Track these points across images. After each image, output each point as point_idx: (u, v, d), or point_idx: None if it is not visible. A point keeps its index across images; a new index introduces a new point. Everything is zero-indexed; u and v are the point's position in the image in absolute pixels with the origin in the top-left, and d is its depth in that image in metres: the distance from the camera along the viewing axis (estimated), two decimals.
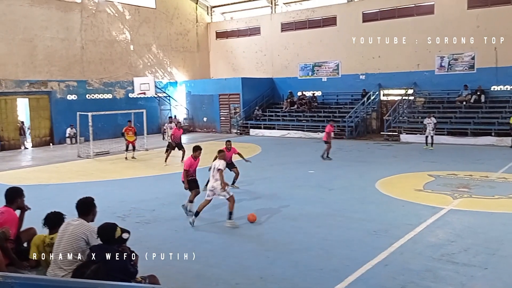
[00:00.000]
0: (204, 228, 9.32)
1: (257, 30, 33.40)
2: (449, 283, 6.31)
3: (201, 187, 10.91)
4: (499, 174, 13.97)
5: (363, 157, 18.87)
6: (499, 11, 23.63)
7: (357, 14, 28.43)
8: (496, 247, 7.63)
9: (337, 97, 29.97)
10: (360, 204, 10.91)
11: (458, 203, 10.67)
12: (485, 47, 23.96)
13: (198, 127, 33.42)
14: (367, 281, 6.48)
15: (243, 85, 30.92)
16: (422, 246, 7.80)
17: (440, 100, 25.78)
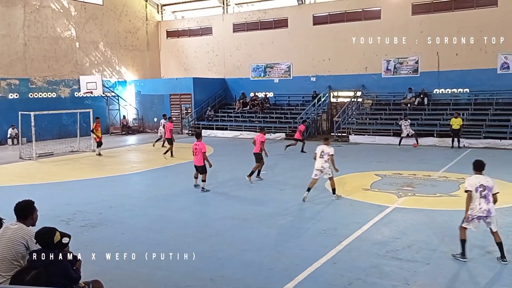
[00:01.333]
0: (154, 230, 9.13)
1: (209, 30, 33.22)
2: (393, 279, 6.53)
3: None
4: (440, 173, 14.62)
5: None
6: (441, 17, 24.78)
7: (308, 17, 28.91)
8: (437, 243, 7.97)
9: (288, 99, 30.33)
10: (311, 204, 11.08)
11: (403, 201, 11.08)
12: (428, 51, 25.07)
13: (148, 128, 32.77)
14: (316, 279, 6.59)
15: (194, 85, 30.64)
16: (368, 244, 8.02)
17: (386, 102, 26.70)
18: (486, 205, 7.12)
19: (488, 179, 7.27)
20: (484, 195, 7.14)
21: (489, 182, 7.23)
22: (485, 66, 23.76)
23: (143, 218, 10.16)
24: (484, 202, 7.13)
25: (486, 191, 7.15)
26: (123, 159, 20.04)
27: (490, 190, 7.17)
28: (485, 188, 7.16)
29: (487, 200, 7.14)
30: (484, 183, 7.20)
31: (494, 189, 7.20)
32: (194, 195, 12.76)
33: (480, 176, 7.35)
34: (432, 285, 6.35)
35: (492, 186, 7.20)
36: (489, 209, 7.13)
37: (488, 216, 7.14)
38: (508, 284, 6.31)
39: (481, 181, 7.23)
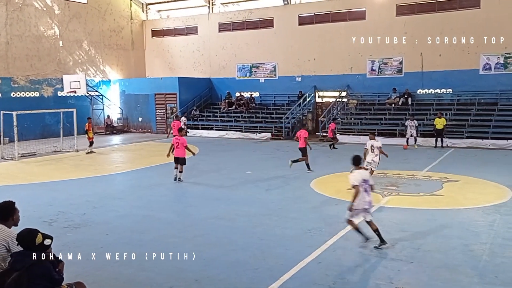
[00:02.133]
0: (138, 231, 9.06)
1: (194, 29, 33.10)
2: (377, 278, 6.57)
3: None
4: (424, 173, 14.79)
5: (299, 157, 19.19)
6: (424, 18, 25.06)
7: (293, 17, 28.99)
8: (421, 242, 8.05)
9: (274, 98, 30.38)
10: (296, 204, 11.10)
11: (387, 200, 11.17)
12: (412, 52, 25.35)
13: (133, 127, 32.54)
14: (301, 279, 6.60)
15: (180, 85, 30.50)
16: (353, 243, 8.06)
17: (371, 102, 26.91)
18: (369, 197, 7.80)
19: (367, 173, 8.01)
20: (365, 188, 7.76)
21: (368, 176, 7.92)
22: (468, 67, 24.11)
23: (127, 218, 10.07)
24: (366, 195, 7.76)
25: (367, 185, 7.78)
26: (107, 159, 19.85)
27: (369, 183, 7.84)
28: (366, 182, 7.78)
29: (368, 193, 7.79)
30: (365, 178, 7.82)
31: (371, 181, 7.92)
32: (179, 195, 12.72)
33: (362, 171, 7.98)
34: (415, 283, 6.41)
35: (369, 179, 7.90)
36: (370, 201, 7.85)
37: (369, 208, 7.84)
38: (492, 282, 6.39)
39: (363, 175, 7.84)
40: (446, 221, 9.38)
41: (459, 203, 10.82)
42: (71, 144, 21.85)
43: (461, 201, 11.06)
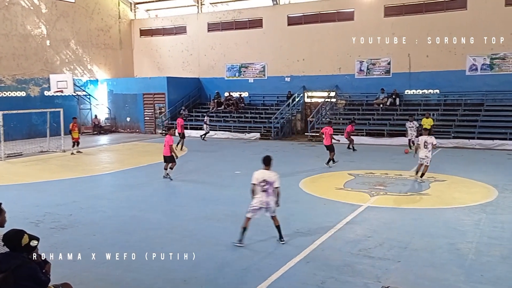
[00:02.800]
0: (126, 231, 9.00)
1: (183, 29, 32.99)
2: (365, 277, 6.61)
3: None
4: (411, 173, 14.86)
5: (288, 157, 19.28)
6: (412, 19, 25.27)
7: (283, 17, 29.04)
8: (408, 241, 8.11)
9: (263, 98, 30.40)
10: (284, 203, 10.98)
11: (375, 200, 11.24)
12: (400, 53, 25.55)
13: (121, 127, 32.32)
14: (290, 278, 6.61)
15: (168, 85, 30.38)
16: (341, 242, 8.10)
17: (360, 103, 27.06)
18: (266, 198, 7.84)
19: (271, 175, 7.90)
20: (266, 189, 7.81)
21: (271, 178, 7.85)
22: (455, 67, 24.36)
23: (115, 219, 10.00)
24: (264, 196, 7.84)
25: (267, 186, 7.81)
26: (95, 160, 19.69)
27: (272, 185, 7.82)
28: (267, 183, 7.82)
29: (267, 193, 7.84)
30: (267, 178, 7.84)
31: (276, 183, 7.86)
32: (167, 195, 12.66)
33: (266, 171, 7.96)
34: (402, 282, 6.45)
35: (273, 181, 7.84)
36: (268, 202, 7.88)
37: (268, 208, 7.93)
38: (478, 281, 6.47)
39: (265, 176, 7.87)
40: (433, 220, 9.47)
41: (446, 203, 10.93)
42: (58, 144, 21.62)
43: (448, 200, 11.17)
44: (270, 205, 7.94)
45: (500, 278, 6.50)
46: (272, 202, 7.95)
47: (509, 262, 7.09)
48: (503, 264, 7.01)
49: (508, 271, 6.76)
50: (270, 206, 7.95)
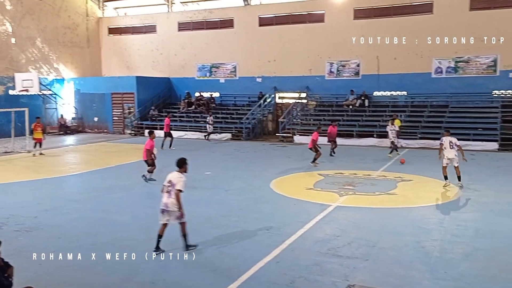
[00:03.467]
0: (93, 234, 8.80)
1: (153, 28, 32.60)
2: (334, 276, 6.67)
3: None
4: (379, 173, 15.18)
5: (259, 158, 19.32)
6: (381, 22, 25.75)
7: (254, 18, 29.09)
8: (376, 240, 8.25)
9: (234, 99, 30.36)
10: (255, 204, 11.13)
11: (344, 200, 11.38)
12: (369, 55, 25.99)
13: (88, 127, 31.66)
14: (259, 279, 6.61)
15: (138, 84, 29.96)
16: (311, 242, 8.16)
17: (330, 104, 27.37)
18: (166, 199, 7.55)
19: (177, 176, 7.64)
20: (169, 190, 7.57)
21: (175, 179, 7.61)
22: (421, 70, 24.98)
23: (81, 221, 9.77)
24: (166, 196, 7.57)
25: (171, 187, 7.54)
26: (61, 160, 19.22)
27: (174, 187, 7.52)
28: (172, 184, 7.56)
29: (169, 195, 7.54)
30: (172, 179, 7.64)
31: (178, 185, 7.51)
32: (135, 197, 12.46)
33: (175, 173, 7.75)
34: (370, 280, 6.54)
35: (176, 183, 7.54)
36: (167, 204, 7.55)
37: (168, 211, 7.53)
38: (442, 277, 6.63)
39: (171, 177, 7.70)
40: (400, 219, 9.67)
41: (412, 202, 11.18)
42: (22, 145, 21.03)
43: (414, 199, 11.43)
44: (169, 208, 7.50)
45: (463, 275, 6.69)
46: (172, 205, 7.49)
47: (471, 260, 7.30)
48: (465, 262, 7.21)
49: (471, 268, 6.97)
50: (169, 209, 7.50)
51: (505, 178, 14.04)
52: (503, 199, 11.24)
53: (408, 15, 25.25)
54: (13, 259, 5.37)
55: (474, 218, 9.67)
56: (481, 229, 8.85)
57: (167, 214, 7.58)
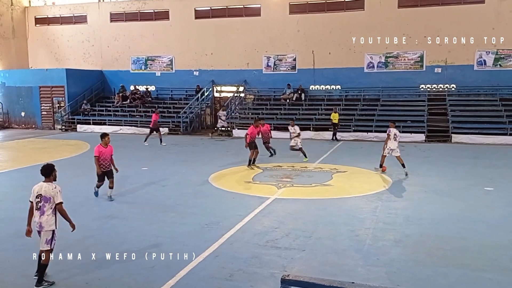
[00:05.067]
0: (21, 234, 8.26)
1: (83, 18, 31.24)
2: (272, 267, 6.77)
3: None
4: (316, 165, 15.56)
5: (198, 152, 19.16)
6: (315, 17, 26.34)
7: (190, 10, 28.69)
8: (312, 230, 8.46)
9: (171, 92, 29.85)
10: (194, 199, 11.02)
11: (282, 192, 11.56)
12: (305, 50, 26.52)
13: (15, 123, 29.86)
14: (198, 273, 6.57)
15: (68, 77, 28.62)
16: (249, 235, 8.22)
17: (267, 98, 27.66)
18: (39, 219, 6.12)
19: (49, 188, 6.21)
20: (39, 206, 6.12)
21: (48, 192, 6.15)
22: (354, 65, 25.87)
23: (8, 222, 9.20)
24: (38, 214, 6.13)
25: (41, 202, 6.13)
26: None
27: (49, 201, 6.13)
28: (42, 198, 6.14)
29: (41, 211, 6.12)
30: (42, 193, 6.14)
31: (57, 198, 6.17)
32: (67, 195, 11.84)
33: (44, 184, 6.28)
34: (306, 270, 6.71)
35: (51, 196, 6.14)
36: (40, 223, 6.13)
37: (40, 231, 6.14)
38: (375, 264, 6.92)
39: (41, 190, 6.17)
40: (335, 209, 9.98)
41: (347, 192, 11.57)
42: None
43: (348, 190, 11.83)
44: (44, 228, 6.08)
45: (393, 260, 7.03)
46: (46, 224, 6.09)
47: (401, 245, 7.69)
48: (396, 248, 7.58)
49: (401, 253, 7.33)
50: (44, 229, 6.09)
51: (432, 168, 14.90)
52: (430, 188, 11.93)
53: (341, 11, 26.02)
54: None
55: (404, 206, 10.18)
56: (410, 216, 9.34)
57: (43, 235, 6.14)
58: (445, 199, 10.79)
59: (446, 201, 10.60)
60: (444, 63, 24.67)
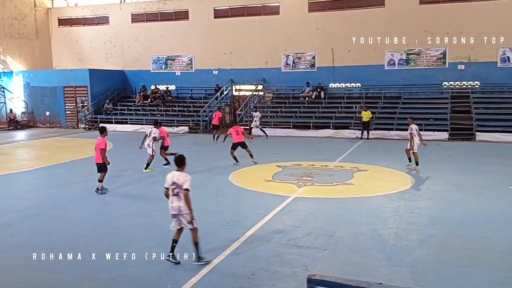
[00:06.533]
0: (48, 232, 8.51)
1: (105, 19, 31.67)
2: (294, 266, 6.78)
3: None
4: (336, 163, 15.49)
5: (217, 150, 19.24)
6: (335, 15, 26.18)
7: (209, 10, 28.82)
8: (334, 229, 8.43)
9: (191, 92, 30.06)
10: (214, 197, 11.10)
11: (302, 191, 11.54)
12: (324, 47, 26.38)
13: (39, 122, 30.47)
14: (220, 271, 6.62)
15: (91, 77, 29.08)
16: (270, 233, 8.24)
17: (286, 96, 27.62)
18: (178, 203, 6.87)
19: (181, 176, 6.90)
20: (177, 192, 6.87)
21: (180, 179, 6.87)
22: (374, 62, 25.61)
23: (35, 219, 9.43)
24: (176, 200, 6.89)
25: (177, 189, 6.86)
26: (11, 157, 18.41)
27: (181, 188, 6.82)
28: (177, 185, 6.86)
29: (178, 197, 6.86)
30: (175, 181, 6.89)
31: (185, 185, 6.82)
32: (90, 192, 12.11)
33: (176, 173, 7.00)
34: (328, 269, 6.70)
35: (182, 183, 6.83)
36: (178, 207, 6.87)
37: (181, 215, 6.88)
38: (398, 264, 6.87)
39: (174, 178, 6.92)
40: (357, 208, 9.93)
41: (368, 191, 11.48)
42: None
43: (370, 189, 11.75)
44: (183, 211, 6.84)
45: (417, 261, 6.96)
46: (185, 207, 6.83)
47: (425, 246, 7.61)
48: (420, 248, 7.51)
49: (425, 254, 7.26)
50: (183, 213, 6.85)
51: (455, 166, 14.68)
52: (454, 187, 11.76)
53: (361, 8, 25.79)
54: None
55: (428, 206, 10.06)
56: (434, 216, 9.23)
57: (180, 218, 6.91)
58: (469, 198, 10.64)
59: (471, 200, 10.45)
60: (467, 59, 24.25)
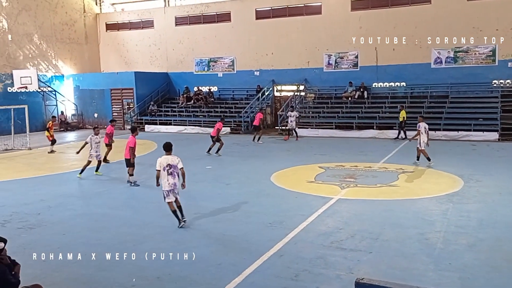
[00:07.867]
0: (97, 229, 8.83)
1: (150, 23, 32.48)
2: (338, 268, 6.70)
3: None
4: (380, 164, 15.19)
5: (259, 151, 19.32)
6: (378, 13, 25.67)
7: (251, 11, 28.97)
8: (378, 232, 8.27)
9: (233, 93, 30.32)
10: (256, 198, 11.15)
11: (346, 192, 11.40)
12: (367, 46, 25.88)
13: (88, 124, 31.59)
14: (264, 272, 6.64)
15: (136, 80, 29.91)
16: (314, 235, 8.19)
17: (328, 96, 27.34)
18: (173, 180, 8.69)
19: (174, 158, 8.76)
20: (171, 172, 8.67)
21: (174, 161, 8.72)
22: (420, 60, 24.91)
23: (85, 217, 9.80)
24: (171, 178, 8.67)
25: (172, 169, 8.67)
26: (62, 157, 19.20)
27: (176, 168, 8.70)
28: (171, 166, 8.68)
29: (173, 176, 8.69)
30: (170, 162, 8.70)
31: (180, 165, 8.74)
32: (137, 192, 12.45)
33: (168, 156, 8.81)
34: (374, 273, 6.56)
35: (177, 163, 8.72)
36: (175, 183, 8.72)
37: (174, 190, 8.70)
38: (446, 269, 6.66)
39: (168, 160, 8.71)
40: (402, 211, 9.69)
41: (414, 193, 11.19)
42: (23, 142, 20.99)
43: (416, 191, 11.44)
44: (177, 186, 8.71)
45: (467, 265, 6.72)
46: (178, 183, 8.73)
47: (475, 250, 7.33)
48: (469, 252, 7.24)
49: (475, 258, 7.00)
50: (176, 187, 8.71)
51: (506, 168, 14.06)
52: (505, 189, 11.27)
53: (405, 6, 25.17)
54: (18, 257, 5.40)
55: (477, 209, 9.70)
56: (484, 220, 8.89)
57: (175, 191, 8.71)
58: None
59: None
60: None
